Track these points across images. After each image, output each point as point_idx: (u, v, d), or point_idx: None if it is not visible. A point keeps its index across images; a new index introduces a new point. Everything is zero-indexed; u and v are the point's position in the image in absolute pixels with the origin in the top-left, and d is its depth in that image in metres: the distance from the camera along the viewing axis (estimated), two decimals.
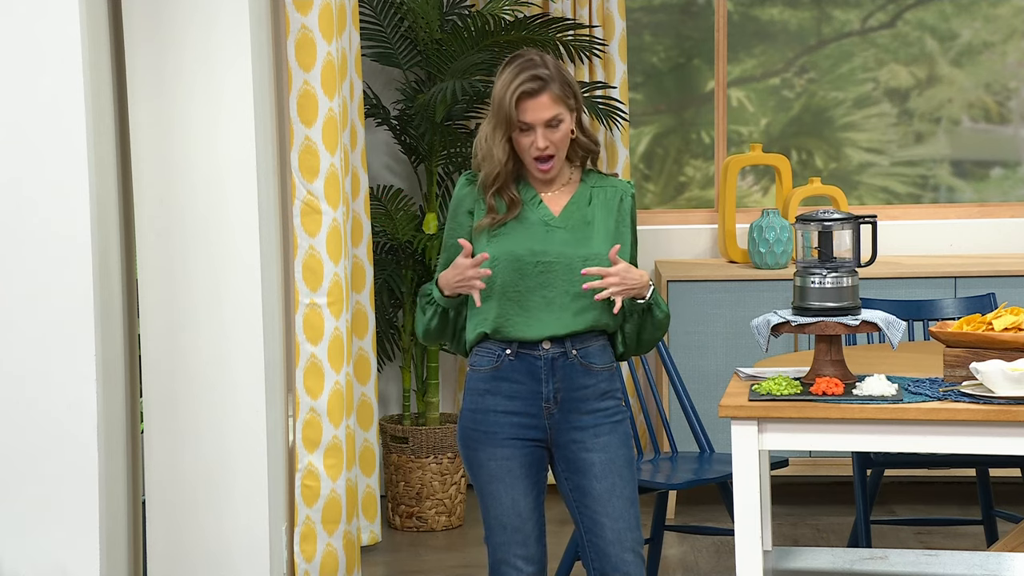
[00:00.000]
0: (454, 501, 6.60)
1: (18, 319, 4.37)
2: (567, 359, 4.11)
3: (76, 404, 4.39)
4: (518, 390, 4.12)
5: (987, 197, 7.32)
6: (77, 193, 4.36)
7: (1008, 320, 4.34)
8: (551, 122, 4.05)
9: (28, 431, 4.39)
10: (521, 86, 4.03)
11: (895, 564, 4.70)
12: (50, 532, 4.40)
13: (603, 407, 4.15)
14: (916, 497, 6.84)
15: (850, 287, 4.37)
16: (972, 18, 7.25)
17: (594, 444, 4.13)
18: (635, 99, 7.25)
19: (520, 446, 4.12)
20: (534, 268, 4.07)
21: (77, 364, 4.39)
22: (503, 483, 4.13)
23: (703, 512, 6.63)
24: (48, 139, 4.35)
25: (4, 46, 4.31)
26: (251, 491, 4.90)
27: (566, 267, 4.07)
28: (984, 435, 4.15)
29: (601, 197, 4.16)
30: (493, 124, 4.08)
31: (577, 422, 4.14)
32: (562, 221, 4.11)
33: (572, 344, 4.11)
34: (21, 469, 4.39)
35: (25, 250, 4.36)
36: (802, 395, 4.25)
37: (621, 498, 4.13)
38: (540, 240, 4.09)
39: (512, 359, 4.10)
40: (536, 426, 4.13)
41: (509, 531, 4.14)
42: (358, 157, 6.04)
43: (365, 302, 6.11)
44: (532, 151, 4.07)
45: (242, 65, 4.79)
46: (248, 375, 4.87)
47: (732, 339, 6.46)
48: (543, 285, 4.08)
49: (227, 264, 4.84)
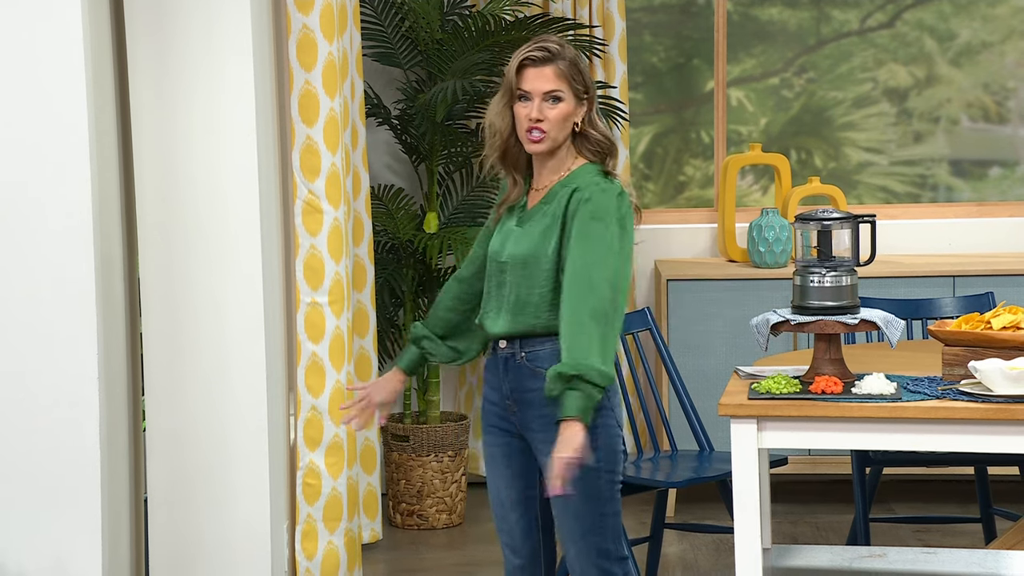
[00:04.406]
0: (455, 499, 6.60)
1: (21, 317, 4.38)
2: (515, 360, 4.03)
3: (79, 402, 4.41)
4: (492, 382, 4.12)
5: (985, 196, 7.32)
6: (79, 191, 4.37)
7: (1006, 319, 4.35)
8: (549, 95, 3.97)
9: (31, 429, 4.40)
10: (527, 53, 4.00)
11: (894, 562, 4.70)
12: (53, 529, 4.41)
13: (551, 413, 3.89)
14: (915, 495, 6.84)
15: (849, 286, 4.37)
16: (971, 18, 7.25)
17: (547, 449, 3.90)
18: (635, 99, 7.25)
19: (499, 434, 4.10)
20: (495, 267, 4.05)
21: (80, 362, 4.40)
22: (491, 470, 4.14)
23: (703, 510, 6.62)
24: (50, 137, 4.35)
25: (6, 43, 4.33)
26: (252, 489, 4.91)
27: (512, 268, 4.01)
28: (982, 433, 4.16)
29: (559, 196, 4.00)
30: (499, 94, 4.05)
31: (531, 424, 4.03)
32: (526, 220, 4.05)
33: (521, 345, 4.02)
34: (24, 467, 4.40)
35: (28, 247, 4.37)
36: (801, 394, 4.25)
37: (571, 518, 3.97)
38: (503, 240, 4.06)
39: (490, 354, 4.13)
40: (508, 419, 4.09)
41: (498, 519, 4.16)
42: (359, 156, 6.04)
43: (366, 301, 6.12)
44: (525, 122, 3.98)
45: (244, 65, 4.80)
46: (249, 374, 4.88)
47: (731, 338, 6.45)
48: (500, 284, 4.05)
49: (229, 263, 4.85)
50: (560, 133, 4.01)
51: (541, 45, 4.00)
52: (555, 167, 4.05)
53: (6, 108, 4.35)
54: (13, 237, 4.36)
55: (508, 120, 4.03)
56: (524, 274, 3.99)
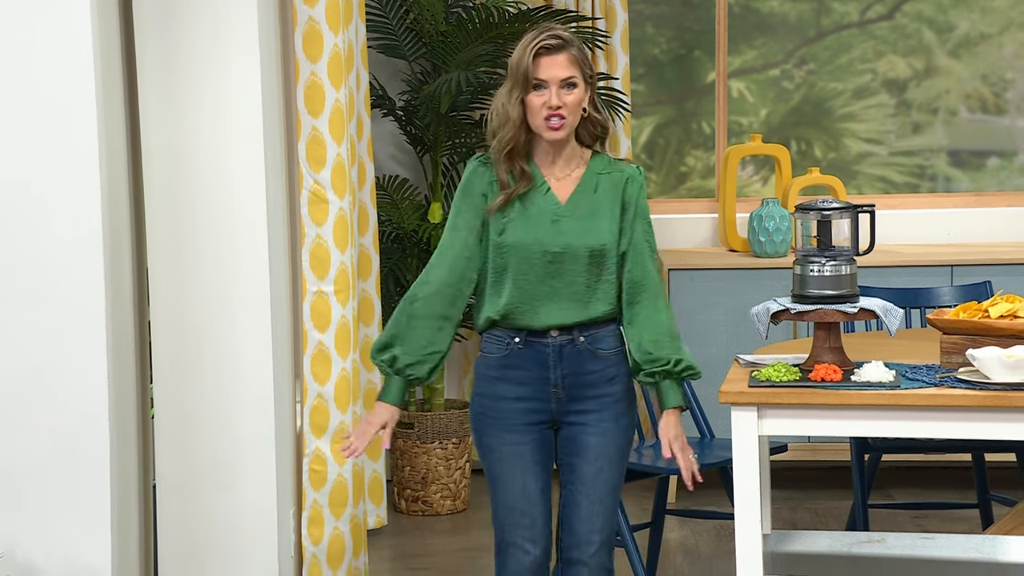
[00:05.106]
0: (459, 486, 6.62)
1: (30, 307, 4.38)
2: (575, 346, 4.09)
3: (88, 391, 4.40)
4: (526, 376, 4.10)
5: (983, 187, 7.31)
6: (88, 182, 4.36)
7: (1004, 308, 4.36)
8: (566, 82, 4.00)
9: (41, 419, 4.40)
10: (541, 43, 4.00)
11: (892, 547, 4.68)
12: (63, 519, 4.40)
13: (609, 392, 4.12)
14: (913, 481, 6.84)
15: (848, 275, 4.37)
16: (969, 10, 7.24)
17: (595, 429, 4.11)
18: (637, 90, 7.24)
19: (529, 431, 4.11)
20: (541, 258, 4.03)
21: (89, 351, 4.39)
22: (515, 467, 4.10)
23: (703, 496, 6.52)
24: (59, 129, 4.34)
25: (15, 37, 4.32)
26: (260, 476, 4.89)
27: (572, 258, 4.03)
28: (980, 420, 4.17)
29: (607, 184, 4.09)
30: (509, 87, 4.03)
31: (582, 405, 4.12)
32: (568, 210, 4.06)
33: (580, 331, 4.09)
34: (34, 457, 4.39)
35: (38, 239, 4.36)
36: (801, 381, 4.25)
37: (604, 484, 4.12)
38: (547, 230, 4.04)
39: (521, 347, 4.09)
40: (543, 410, 4.11)
41: (517, 514, 4.11)
42: (364, 147, 6.03)
43: (371, 290, 6.11)
44: (544, 111, 3.99)
45: (250, 57, 4.77)
46: (257, 362, 4.86)
47: (732, 326, 6.44)
48: (550, 275, 4.04)
49: (236, 253, 4.83)
50: (575, 118, 4.05)
51: (552, 33, 4.02)
52: (570, 154, 4.10)
53: (17, 101, 4.34)
54: (25, 228, 4.35)
55: (523, 112, 4.03)
56: (592, 263, 4.05)
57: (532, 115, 4.03)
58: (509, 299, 4.06)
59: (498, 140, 4.06)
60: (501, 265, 4.07)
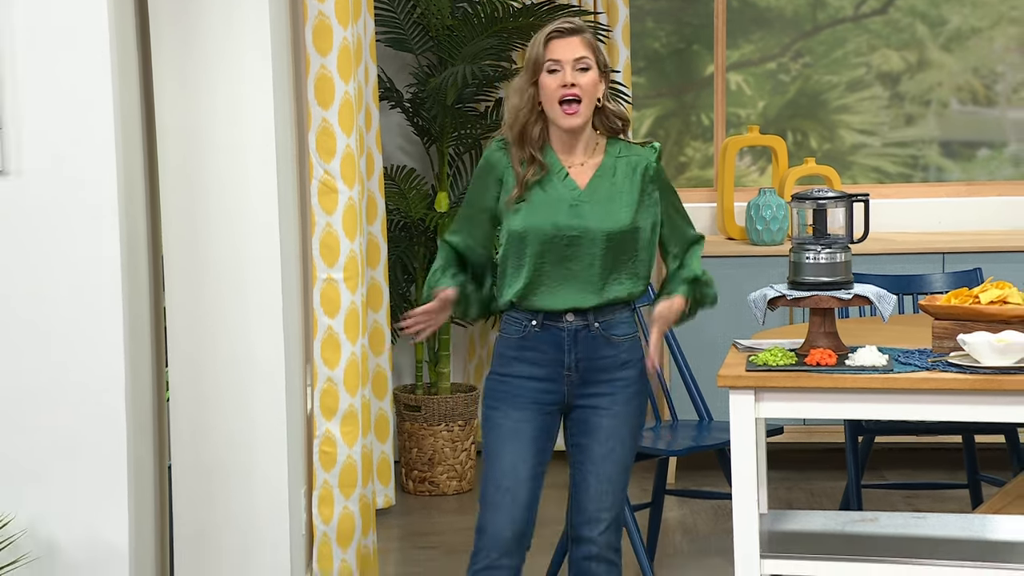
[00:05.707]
0: (464, 467, 6.66)
1: (49, 292, 4.35)
2: (589, 331, 4.09)
3: (106, 375, 4.38)
4: (542, 358, 4.10)
5: (974, 176, 7.32)
6: (106, 175, 4.33)
7: (994, 294, 4.40)
8: (579, 63, 4.00)
9: (59, 401, 4.37)
10: (554, 27, 4.03)
11: (885, 526, 4.66)
12: (83, 498, 4.38)
13: (623, 376, 4.12)
14: (905, 462, 6.87)
15: (843, 262, 4.40)
16: (961, 4, 7.24)
17: (607, 411, 4.11)
18: (638, 83, 7.25)
19: (537, 410, 4.10)
20: (560, 242, 4.03)
21: (106, 335, 4.37)
22: (510, 444, 4.09)
23: (702, 477, 6.65)
24: (76, 119, 4.31)
25: (34, 26, 4.29)
26: (272, 457, 4.87)
27: (591, 241, 4.03)
28: (970, 403, 4.20)
29: (625, 167, 4.08)
30: (522, 74, 4.06)
31: (595, 389, 4.11)
32: (588, 195, 4.05)
33: (595, 317, 4.09)
34: (52, 439, 4.37)
35: (55, 224, 4.33)
36: (797, 365, 4.28)
37: (615, 464, 4.11)
38: (566, 214, 4.03)
39: (538, 330, 4.09)
40: (555, 391, 4.11)
41: (501, 491, 4.08)
42: (373, 138, 6.05)
43: (380, 277, 6.13)
44: (559, 92, 3.98)
45: (262, 51, 4.75)
46: (268, 346, 4.84)
47: (730, 312, 6.34)
48: (568, 258, 4.04)
49: (248, 241, 4.81)
50: (590, 107, 4.04)
51: (567, 20, 4.05)
52: (587, 142, 4.11)
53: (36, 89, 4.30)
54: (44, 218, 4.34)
55: (529, 96, 4.04)
56: (612, 247, 4.05)
57: (547, 101, 4.03)
58: (527, 281, 4.06)
59: (509, 126, 4.08)
60: (520, 248, 4.07)
